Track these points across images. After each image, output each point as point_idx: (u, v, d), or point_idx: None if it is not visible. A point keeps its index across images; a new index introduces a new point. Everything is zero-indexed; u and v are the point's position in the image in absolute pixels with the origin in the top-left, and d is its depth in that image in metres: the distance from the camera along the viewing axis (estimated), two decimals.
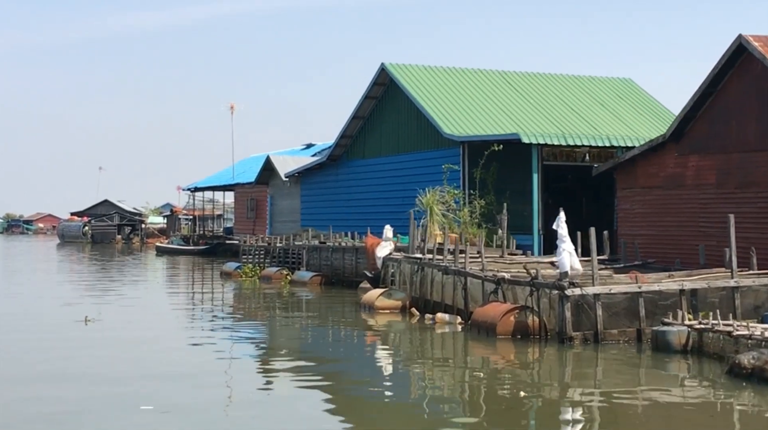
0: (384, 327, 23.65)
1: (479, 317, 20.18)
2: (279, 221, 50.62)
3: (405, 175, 40.06)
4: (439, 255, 25.69)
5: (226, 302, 31.72)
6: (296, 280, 36.84)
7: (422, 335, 21.98)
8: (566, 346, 18.46)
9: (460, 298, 22.58)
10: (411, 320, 23.91)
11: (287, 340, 21.85)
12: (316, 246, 37.44)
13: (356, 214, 43.39)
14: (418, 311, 24.40)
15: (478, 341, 19.85)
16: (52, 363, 17.11)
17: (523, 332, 19.37)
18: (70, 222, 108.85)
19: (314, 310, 28.87)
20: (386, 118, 41.66)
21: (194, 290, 37.15)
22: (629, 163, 26.79)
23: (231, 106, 69.36)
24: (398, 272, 26.59)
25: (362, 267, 34.55)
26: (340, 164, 45.03)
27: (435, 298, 24.16)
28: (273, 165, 50.29)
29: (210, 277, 44.47)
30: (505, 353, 18.81)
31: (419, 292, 25.10)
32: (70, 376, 15.91)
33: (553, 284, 18.68)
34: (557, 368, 17.68)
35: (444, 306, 23.47)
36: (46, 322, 23.40)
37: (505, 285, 20.40)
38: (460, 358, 19.02)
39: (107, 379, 15.48)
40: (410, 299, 25.20)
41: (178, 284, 40.45)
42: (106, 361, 17.40)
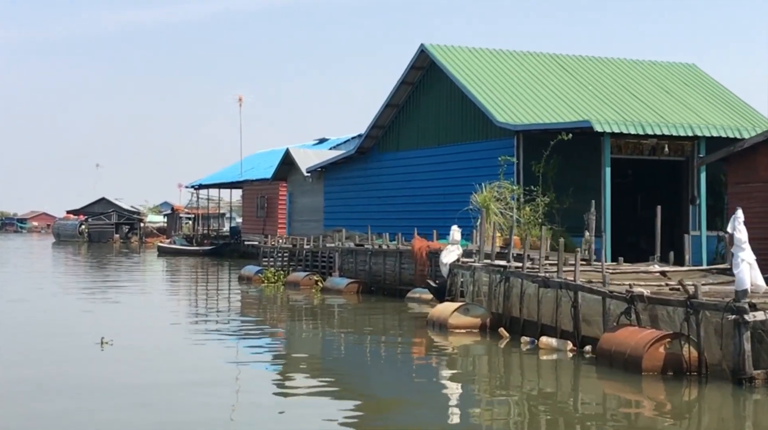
0: (463, 352, 18.88)
1: (611, 346, 15.38)
2: (298, 221, 45.75)
3: (447, 169, 35.28)
4: (506, 261, 21.13)
5: (251, 313, 26.90)
6: (329, 287, 32.02)
7: (523, 366, 17.18)
8: (744, 388, 13.72)
9: (568, 317, 17.81)
10: (499, 343, 19.12)
11: (336, 365, 17.14)
12: (352, 249, 32.63)
13: (388, 212, 38.59)
14: (506, 331, 19.60)
15: (612, 378, 15.04)
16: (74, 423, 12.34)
17: (677, 367, 14.61)
18: (65, 220, 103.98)
19: (360, 325, 24.09)
20: (425, 105, 36.86)
21: (213, 298, 32.32)
22: (748, 152, 22.08)
23: (239, 97, 64.35)
24: (471, 283, 21.81)
25: (407, 273, 29.82)
26: (369, 158, 40.22)
27: (527, 316, 19.37)
28: (293, 159, 45.35)
29: (226, 281, 39.61)
30: (655, 395, 14.03)
31: (503, 307, 20.32)
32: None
33: (725, 305, 13.88)
34: (731, 419, 12.98)
35: (541, 327, 18.68)
36: (57, 345, 18.48)
37: (642, 304, 15.62)
38: (592, 403, 14.18)
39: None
40: (491, 316, 20.44)
41: (192, 291, 35.58)
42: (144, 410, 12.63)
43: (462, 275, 22.23)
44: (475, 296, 21.52)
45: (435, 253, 28.43)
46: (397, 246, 30.25)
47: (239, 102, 64.30)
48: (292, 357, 18.38)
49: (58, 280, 38.17)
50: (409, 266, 29.66)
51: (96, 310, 25.88)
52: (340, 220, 41.54)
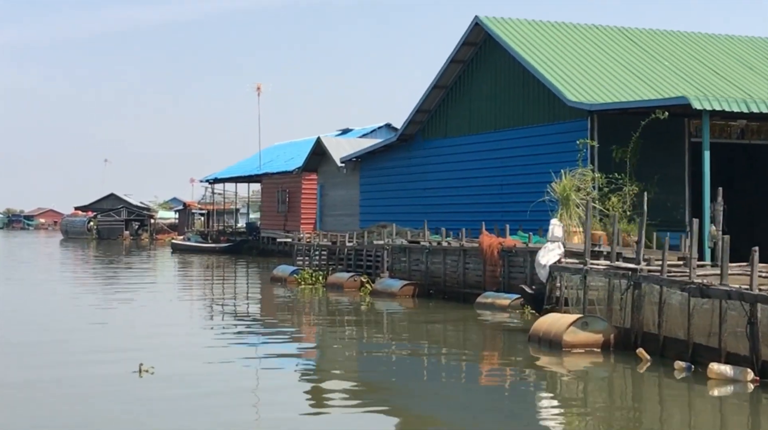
0: (588, 379, 14.70)
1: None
2: (331, 215, 41.42)
3: (506, 156, 31.04)
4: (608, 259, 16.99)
5: (296, 323, 22.64)
6: (380, 290, 27.77)
7: (692, 403, 12.88)
8: None
9: (738, 337, 13.57)
10: (638, 367, 14.88)
11: (417, 391, 12.91)
12: (405, 246, 28.35)
13: (434, 206, 34.35)
14: (646, 353, 15.34)
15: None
16: None
17: None
18: (74, 217, 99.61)
19: (434, 337, 19.89)
20: (478, 86, 32.60)
21: (246, 303, 28.11)
22: None
23: (258, 86, 60.44)
24: (579, 289, 17.55)
25: (473, 275, 25.60)
26: (413, 145, 35.96)
27: (669, 332, 15.14)
28: (324, 148, 41.01)
29: (255, 283, 35.38)
30: None
31: (632, 321, 16.08)
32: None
33: None
34: None
35: (692, 347, 14.47)
36: (88, 374, 14.16)
37: None
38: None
39: None
40: (615, 332, 16.20)
41: (221, 295, 31.32)
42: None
43: (567, 280, 17.96)
44: (587, 305, 17.28)
45: (509, 251, 24.24)
46: (461, 243, 26.00)
47: (258, 91, 60.47)
48: (371, 385, 14.09)
49: (73, 284, 33.95)
50: (476, 266, 25.45)
51: (120, 321, 21.66)
52: (379, 214, 37.31)
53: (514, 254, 24.15)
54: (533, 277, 23.42)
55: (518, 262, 24.05)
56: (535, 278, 23.35)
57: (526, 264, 23.64)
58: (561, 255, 18.81)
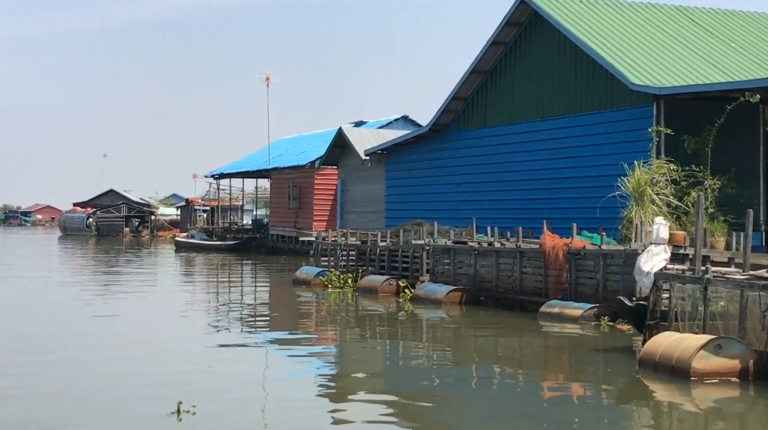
0: (727, 416, 11.58)
1: None
2: (353, 212, 38.11)
3: (555, 147, 27.85)
4: None
5: (335, 337, 19.40)
6: (421, 296, 24.54)
7: None
8: None
9: None
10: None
11: None
12: (449, 247, 25.10)
13: (470, 202, 31.18)
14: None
15: None
16: None
17: None
18: (72, 213, 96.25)
19: (501, 355, 16.75)
20: (523, 70, 29.39)
21: (272, 311, 24.90)
22: None
23: (266, 76, 56.89)
24: (697, 302, 14.33)
25: (532, 280, 22.41)
26: (446, 136, 32.73)
27: None
28: (347, 140, 37.71)
29: (275, 285, 32.13)
30: None
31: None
32: None
33: None
34: None
35: None
36: (119, 410, 11.06)
37: None
38: None
39: None
40: (754, 358, 13.01)
41: (244, 301, 28.06)
42: None
43: (679, 291, 14.73)
44: (707, 322, 14.07)
45: (576, 254, 21.04)
46: (517, 244, 22.77)
47: (267, 81, 56.93)
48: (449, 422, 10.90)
49: (78, 287, 30.66)
50: (535, 270, 22.25)
51: (138, 341, 18.40)
52: (407, 211, 34.12)
53: (582, 257, 20.94)
54: (605, 284, 20.31)
55: (588, 266, 20.85)
56: (607, 286, 20.25)
57: (598, 269, 20.48)
58: (667, 260, 15.56)
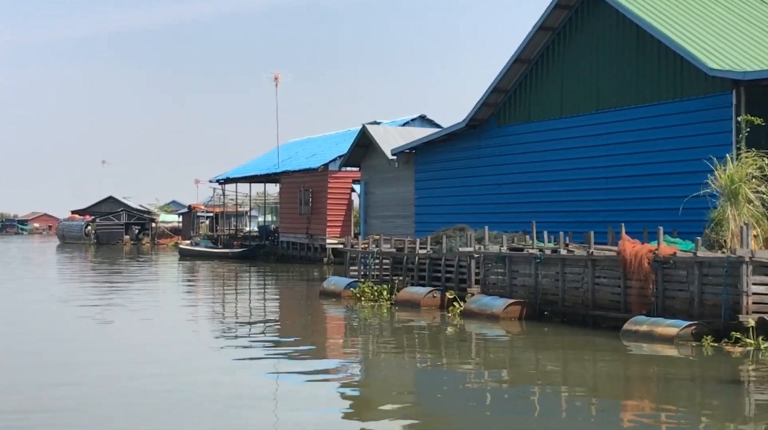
0: None
1: None
2: (377, 217, 34.92)
3: (614, 143, 24.79)
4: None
5: (377, 359, 16.26)
6: (474, 310, 21.37)
7: None
8: None
9: None
10: None
11: None
12: (504, 255, 21.94)
13: (512, 204, 28.10)
14: None
15: None
16: None
17: None
18: (71, 221, 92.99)
19: (612, 389, 13.64)
20: (575, 57, 26.31)
21: (306, 334, 21.75)
22: None
23: (275, 76, 53.84)
24: None
25: (607, 292, 19.29)
26: (485, 133, 29.62)
27: None
28: (372, 139, 34.54)
29: (304, 299, 28.94)
30: None
31: None
32: None
33: None
34: None
35: None
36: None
37: None
38: None
39: None
40: None
41: (269, 317, 24.90)
42: None
43: None
44: None
45: (665, 262, 17.94)
46: (589, 251, 19.64)
47: (275, 81, 53.86)
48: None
49: (89, 305, 27.47)
50: (611, 280, 19.13)
51: (163, 377, 15.27)
52: (439, 214, 31.02)
53: (672, 266, 17.83)
54: (701, 297, 17.22)
55: (679, 277, 17.74)
56: (704, 299, 17.15)
57: (692, 279, 17.39)
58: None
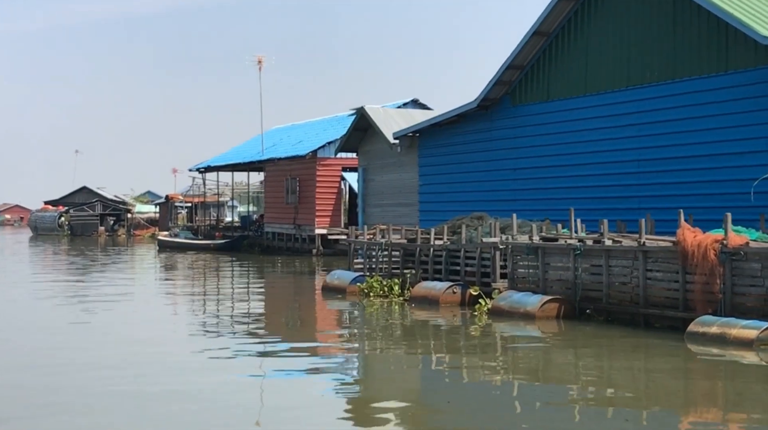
0: None
1: None
2: (377, 205, 32.35)
3: (647, 122, 22.42)
4: None
5: (401, 365, 13.80)
6: (505, 308, 18.90)
7: None
8: None
9: None
10: None
11: None
12: (536, 245, 19.47)
13: (529, 191, 25.72)
14: None
15: None
16: None
17: None
18: (43, 212, 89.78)
19: (687, 403, 11.27)
20: (600, 28, 23.88)
21: (316, 339, 19.21)
22: None
23: (258, 59, 51.08)
24: None
25: (661, 287, 16.91)
26: (498, 113, 27.15)
27: None
28: (371, 121, 31.95)
29: (305, 294, 26.37)
30: None
31: None
32: None
33: None
34: None
35: None
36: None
37: None
38: None
39: None
40: None
41: (270, 316, 22.34)
42: None
43: None
44: None
45: (734, 253, 15.58)
46: (639, 240, 17.22)
47: (259, 65, 51.11)
48: None
49: (72, 303, 24.75)
50: (667, 275, 16.75)
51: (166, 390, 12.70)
52: (446, 203, 28.58)
53: (742, 259, 15.47)
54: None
55: (752, 270, 15.39)
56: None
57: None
58: None
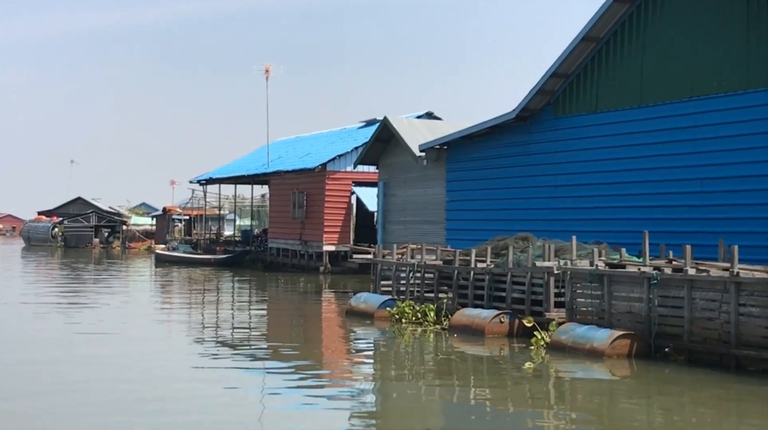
0: None
1: None
2: (398, 222, 29.78)
3: (716, 136, 20.01)
4: None
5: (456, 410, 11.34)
6: (566, 343, 16.41)
7: None
8: None
9: None
10: None
11: None
12: (601, 272, 16.97)
13: (571, 210, 23.28)
14: None
15: None
16: None
17: None
18: (37, 223, 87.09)
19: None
20: (659, 32, 21.50)
21: (349, 373, 16.69)
22: None
23: (266, 68, 48.67)
24: None
25: (760, 325, 14.42)
26: (537, 125, 24.73)
27: None
28: (394, 132, 29.42)
29: (328, 319, 23.82)
30: None
31: None
32: None
33: None
34: None
35: None
36: None
37: None
38: None
39: None
40: None
41: (294, 345, 19.79)
42: None
43: None
44: None
45: None
46: (732, 270, 14.75)
47: (266, 74, 48.69)
48: None
49: (52, 331, 22.20)
50: (765, 310, 14.29)
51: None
52: (477, 221, 26.14)
53: None
54: None
55: None
56: None
57: None
58: None
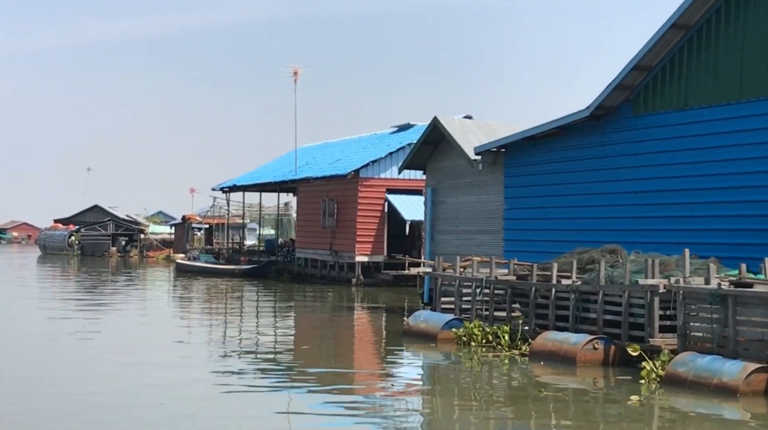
0: None
1: None
2: (448, 232, 27.04)
3: None
4: None
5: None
6: (687, 377, 13.62)
7: None
8: None
9: None
10: None
11: None
12: (728, 292, 14.20)
13: (654, 219, 20.51)
14: None
15: None
16: None
17: None
18: (53, 230, 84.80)
19: None
20: (762, 17, 18.81)
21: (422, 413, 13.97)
22: None
23: (294, 71, 46.15)
24: None
25: None
26: (613, 124, 21.96)
27: None
28: (446, 133, 26.62)
29: (379, 339, 21.12)
30: None
31: None
32: None
33: None
34: None
35: None
36: None
37: None
38: None
39: None
40: None
41: (352, 371, 17.06)
42: None
43: None
44: None
45: None
46: None
47: (294, 77, 46.13)
48: None
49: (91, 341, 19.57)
50: None
51: None
52: (540, 231, 23.40)
53: None
54: None
55: None
56: None
57: None
58: None
